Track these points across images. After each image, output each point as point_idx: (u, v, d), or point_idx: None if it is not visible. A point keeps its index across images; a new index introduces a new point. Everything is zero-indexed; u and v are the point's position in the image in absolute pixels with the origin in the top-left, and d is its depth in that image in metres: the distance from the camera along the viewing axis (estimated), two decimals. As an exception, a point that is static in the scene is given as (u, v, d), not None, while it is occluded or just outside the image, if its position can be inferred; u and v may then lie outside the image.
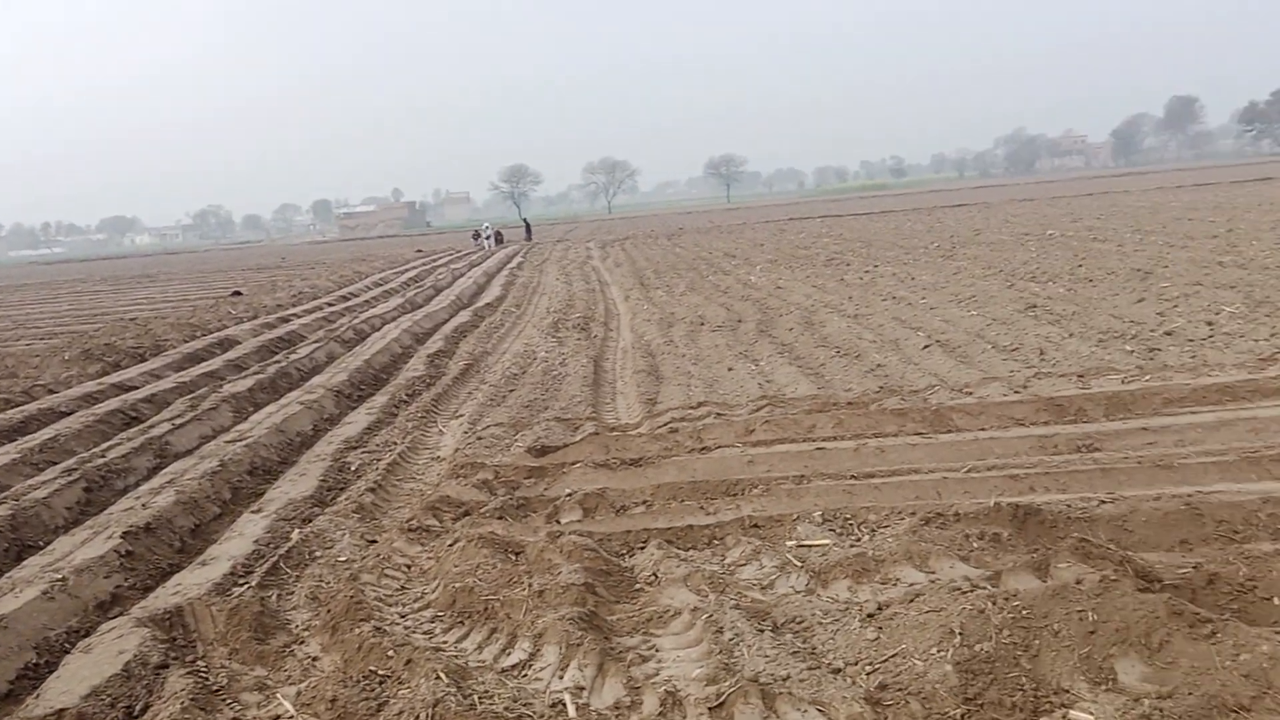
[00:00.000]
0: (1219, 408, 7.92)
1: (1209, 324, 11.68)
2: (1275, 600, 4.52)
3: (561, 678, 4.28)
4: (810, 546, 5.66)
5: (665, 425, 8.91)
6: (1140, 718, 3.32)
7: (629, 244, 45.04)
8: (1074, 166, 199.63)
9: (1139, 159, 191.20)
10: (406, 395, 11.81)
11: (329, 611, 5.27)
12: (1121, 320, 12.47)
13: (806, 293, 18.71)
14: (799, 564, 5.39)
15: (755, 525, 6.10)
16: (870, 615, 4.35)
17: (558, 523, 6.56)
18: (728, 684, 3.89)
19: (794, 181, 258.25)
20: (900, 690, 3.84)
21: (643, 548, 5.99)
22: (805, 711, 3.75)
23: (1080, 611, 4.01)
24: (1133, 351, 10.45)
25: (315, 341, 16.14)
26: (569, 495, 6.92)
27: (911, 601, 4.32)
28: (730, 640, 4.35)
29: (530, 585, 5.28)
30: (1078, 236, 26.60)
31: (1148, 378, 9.03)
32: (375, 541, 6.63)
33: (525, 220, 72.74)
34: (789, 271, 23.55)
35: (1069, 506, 5.74)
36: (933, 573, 5.00)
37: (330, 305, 23.55)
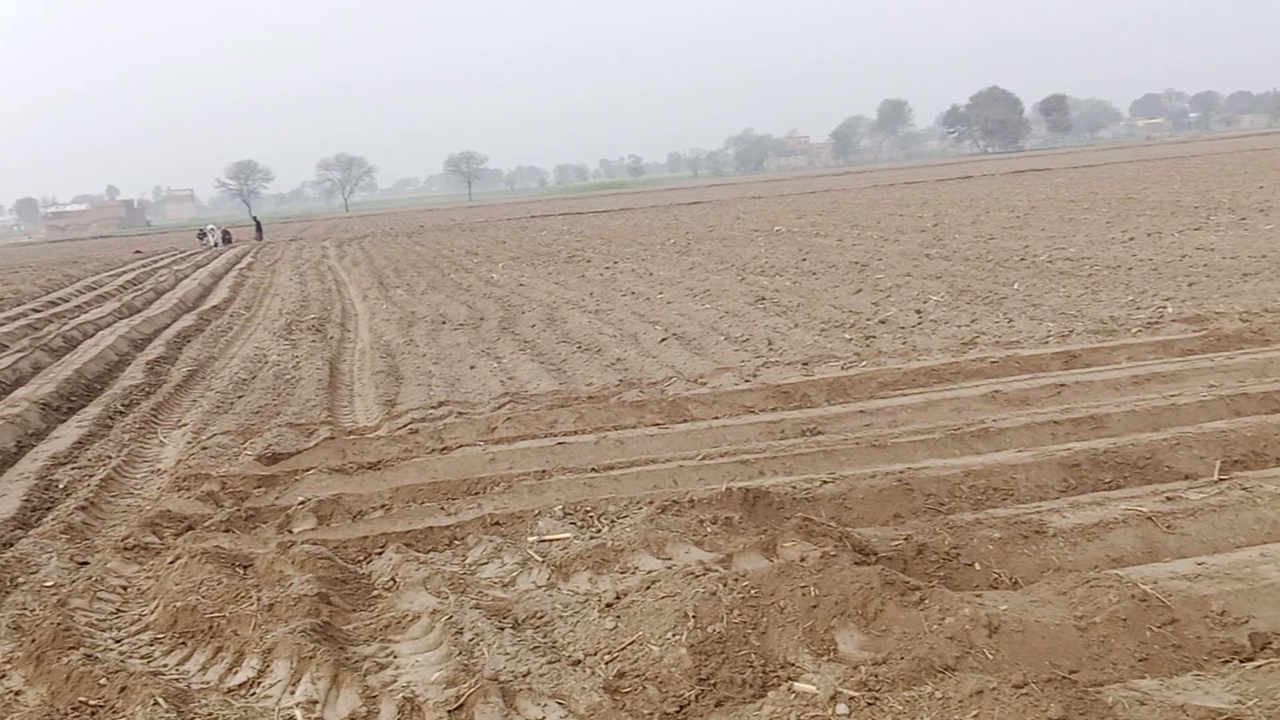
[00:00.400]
0: (927, 389, 8.54)
1: (918, 312, 12.58)
2: (976, 566, 4.91)
3: (293, 693, 4.09)
4: (551, 541, 5.68)
5: (405, 426, 8.72)
6: (858, 684, 3.52)
7: (367, 242, 43.88)
8: (799, 165, 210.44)
9: (856, 158, 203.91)
10: (123, 405, 11.00)
11: (33, 641, 4.82)
12: (842, 310, 13.24)
13: (549, 289, 18.82)
14: (540, 559, 5.40)
15: (497, 523, 6.06)
16: (609, 605, 4.41)
17: (290, 532, 6.28)
18: (467, 685, 3.83)
19: (535, 179, 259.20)
20: (638, 676, 3.90)
21: (381, 553, 5.83)
22: (545, 706, 3.75)
23: (804, 587, 4.21)
24: (851, 339, 11.11)
25: (18, 351, 14.77)
26: (302, 503, 6.64)
27: (648, 589, 4.41)
28: (470, 641, 4.30)
29: (259, 599, 5.03)
30: (802, 232, 28.06)
31: (865, 364, 9.62)
32: (87, 563, 6.13)
33: (256, 219, 69.42)
34: (531, 269, 23.61)
35: (794, 488, 6.02)
36: (669, 559, 5.13)
37: (37, 311, 21.65)
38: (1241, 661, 3.71)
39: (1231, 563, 4.46)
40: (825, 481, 6.12)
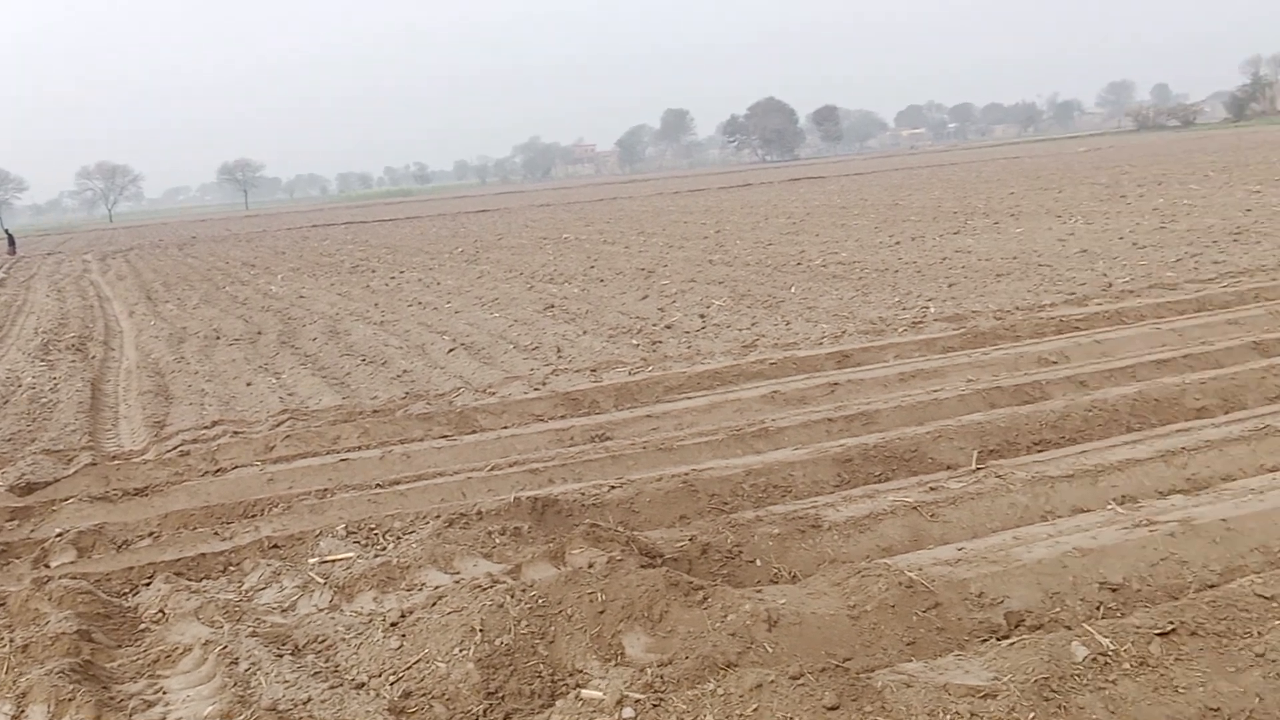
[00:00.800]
0: (710, 392, 8.76)
1: (702, 317, 12.90)
2: (757, 562, 5.06)
3: (50, 741, 3.80)
4: (334, 561, 5.50)
5: (175, 449, 8.26)
6: (644, 687, 3.56)
7: (134, 255, 41.38)
8: (586, 173, 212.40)
9: (642, 166, 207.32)
10: None
11: None
12: (629, 316, 13.42)
13: (331, 301, 18.27)
14: (322, 581, 5.21)
15: (275, 546, 5.82)
16: (394, 624, 4.30)
17: (46, 567, 5.84)
18: (242, 717, 3.66)
19: (317, 188, 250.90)
20: (424, 695, 3.83)
21: (149, 584, 5.50)
22: (328, 733, 3.62)
23: (591, 594, 4.23)
24: (638, 345, 11.28)
25: None
26: (60, 535, 6.18)
27: (434, 605, 4.33)
28: (246, 671, 4.10)
29: (12, 640, 4.65)
30: (590, 240, 28.31)
31: (651, 368, 9.78)
32: None
33: (7, 231, 64.25)
34: (312, 280, 22.86)
35: (583, 494, 6.05)
36: (457, 573, 5.06)
37: None
38: (998, 639, 3.96)
39: (988, 546, 4.77)
40: (613, 487, 6.18)
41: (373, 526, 5.94)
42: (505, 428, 8.12)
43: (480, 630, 4.03)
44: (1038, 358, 8.90)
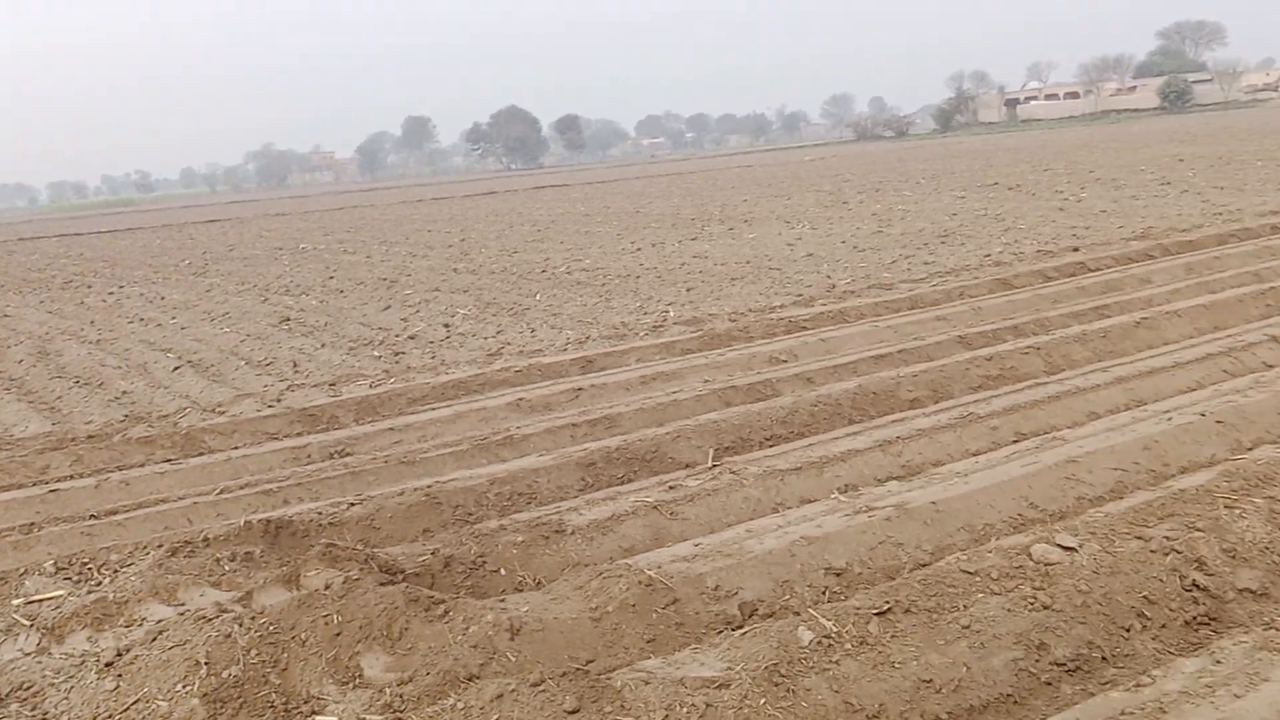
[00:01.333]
0: (455, 402, 8.65)
1: (446, 326, 12.74)
2: (502, 571, 5.03)
3: None
4: (41, 601, 5.05)
5: None
6: (383, 707, 3.47)
7: None
8: (325, 181, 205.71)
9: (383, 174, 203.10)
10: None
11: None
12: (370, 328, 13.08)
13: (40, 319, 16.85)
14: (28, 623, 4.78)
15: (-28, 590, 5.29)
16: (109, 664, 3.99)
17: None
18: (-72, 784, 3.30)
19: (24, 198, 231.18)
20: (144, 738, 3.58)
21: None
22: (32, 791, 3.32)
23: (326, 616, 4.08)
24: (380, 357, 11.01)
25: None
26: None
27: (155, 640, 4.05)
28: (-65, 731, 3.71)
29: None
30: (329, 249, 27.43)
31: (393, 380, 9.56)
32: None
33: None
34: (18, 297, 21.02)
35: (321, 513, 5.83)
36: (181, 604, 4.75)
37: None
38: (733, 630, 4.10)
39: (723, 540, 4.93)
40: (353, 504, 5.99)
41: (86, 561, 5.50)
42: (236, 448, 7.72)
43: (205, 663, 3.80)
44: (769, 357, 9.31)
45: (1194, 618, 4.03)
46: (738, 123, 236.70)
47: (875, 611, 3.85)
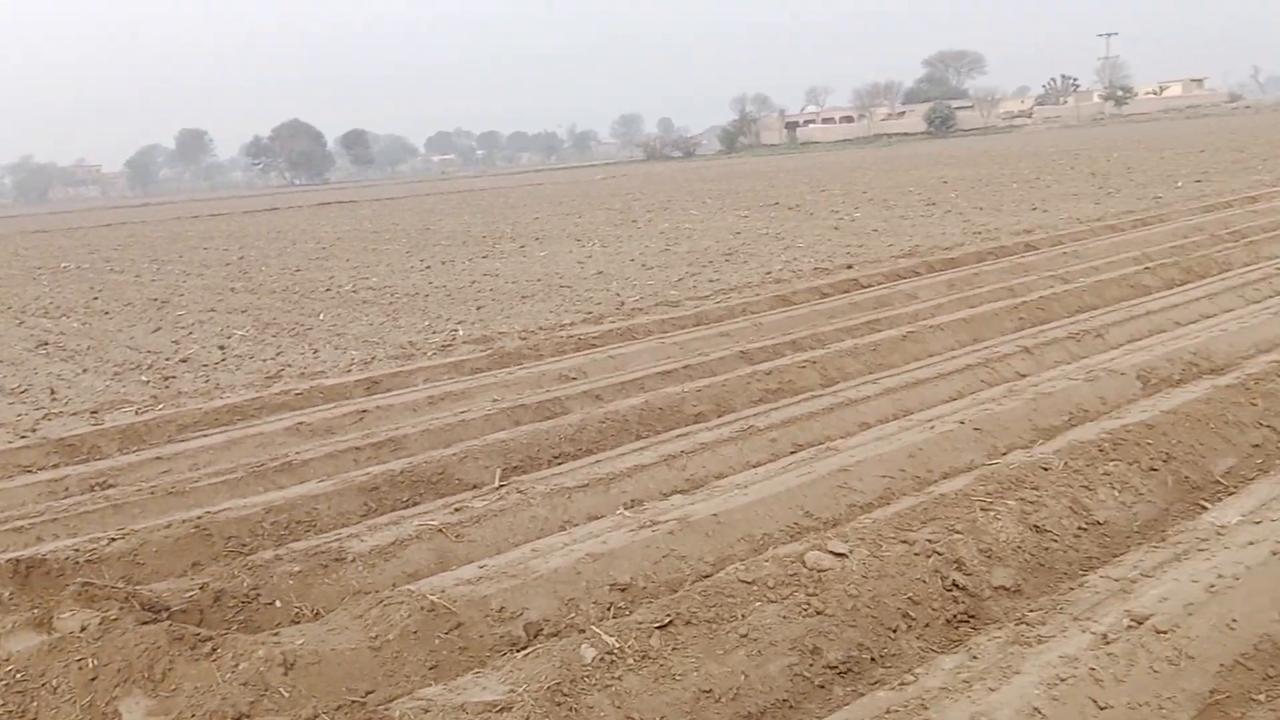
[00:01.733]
0: (230, 428, 8.26)
1: (221, 348, 12.18)
2: (277, 603, 4.82)
3: None
4: None
5: None
6: (142, 755, 3.26)
7: None
8: (90, 197, 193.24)
9: (155, 189, 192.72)
10: None
11: None
12: (138, 351, 12.37)
13: None
14: None
15: None
16: None
17: None
18: None
19: None
20: None
21: None
22: None
23: (80, 660, 3.81)
24: (149, 382, 10.41)
25: None
26: None
27: (-121, 700, 3.68)
28: None
29: None
30: (95, 268, 25.83)
31: (162, 406, 9.06)
32: None
33: None
34: None
35: (77, 550, 5.44)
36: (-87, 659, 4.33)
37: None
38: (517, 652, 4.06)
39: (508, 561, 4.88)
40: (114, 539, 5.61)
41: None
42: (-18, 483, 7.12)
43: (-62, 722, 3.48)
44: (559, 374, 9.32)
45: (954, 616, 4.27)
46: (529, 140, 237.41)
47: (657, 625, 3.90)
